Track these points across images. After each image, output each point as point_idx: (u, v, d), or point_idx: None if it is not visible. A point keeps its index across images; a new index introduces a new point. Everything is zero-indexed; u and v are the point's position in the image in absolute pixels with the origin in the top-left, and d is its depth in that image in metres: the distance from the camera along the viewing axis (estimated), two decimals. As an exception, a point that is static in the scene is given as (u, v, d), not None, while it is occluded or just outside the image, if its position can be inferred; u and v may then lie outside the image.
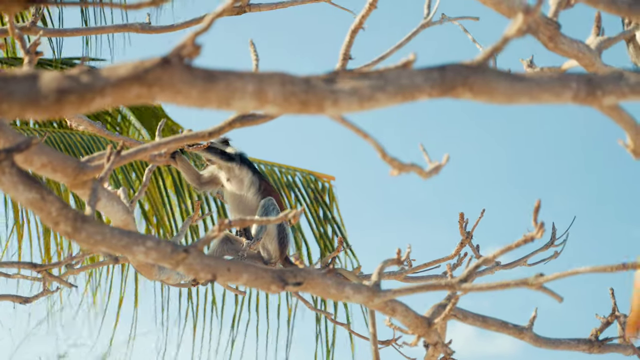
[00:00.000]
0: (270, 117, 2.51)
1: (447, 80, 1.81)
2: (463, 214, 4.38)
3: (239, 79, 1.66)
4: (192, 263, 2.19)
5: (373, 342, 4.20)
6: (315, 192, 9.12)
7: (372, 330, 3.28)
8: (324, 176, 9.31)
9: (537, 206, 2.36)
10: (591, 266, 2.40)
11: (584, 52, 2.71)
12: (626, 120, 2.07)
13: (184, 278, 3.97)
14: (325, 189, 9.24)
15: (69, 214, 2.07)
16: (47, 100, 1.51)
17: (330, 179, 9.30)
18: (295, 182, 9.17)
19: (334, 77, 1.76)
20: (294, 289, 2.37)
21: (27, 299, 4.23)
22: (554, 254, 4.68)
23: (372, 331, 4.14)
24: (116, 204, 2.72)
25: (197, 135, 2.52)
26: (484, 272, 4.55)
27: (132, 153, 2.50)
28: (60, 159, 2.28)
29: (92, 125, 4.03)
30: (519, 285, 2.46)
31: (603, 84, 1.88)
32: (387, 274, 4.60)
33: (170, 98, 1.61)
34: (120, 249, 2.14)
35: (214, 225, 2.30)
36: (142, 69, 1.58)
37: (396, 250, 2.87)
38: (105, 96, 1.56)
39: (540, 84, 1.84)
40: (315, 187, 9.19)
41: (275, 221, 2.36)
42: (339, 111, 1.75)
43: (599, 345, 3.36)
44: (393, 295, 2.57)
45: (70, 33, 3.80)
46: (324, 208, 9.07)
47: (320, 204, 9.07)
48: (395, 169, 2.03)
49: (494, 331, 3.16)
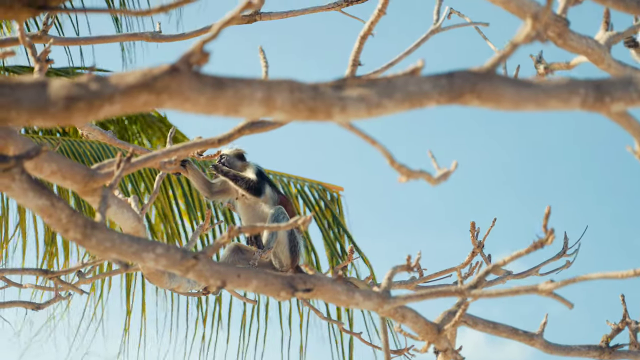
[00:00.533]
0: (279, 124, 2.51)
1: (455, 87, 1.81)
2: (474, 223, 4.36)
3: (247, 86, 1.67)
4: (202, 270, 2.19)
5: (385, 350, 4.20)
6: (325, 202, 9.12)
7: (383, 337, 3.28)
8: (333, 187, 9.30)
9: (547, 212, 2.36)
10: (601, 272, 2.40)
11: (593, 47, 2.70)
12: (635, 127, 2.07)
13: (194, 287, 3.97)
14: (334, 200, 9.24)
15: (78, 220, 2.08)
16: (55, 108, 1.52)
17: (339, 190, 9.30)
18: (304, 191, 9.17)
19: (341, 84, 1.76)
20: (303, 296, 2.37)
21: (39, 305, 4.24)
22: (566, 263, 4.65)
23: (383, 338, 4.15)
24: (126, 211, 2.73)
25: (206, 142, 2.53)
26: (495, 282, 4.54)
27: (142, 160, 2.50)
28: (69, 166, 2.29)
29: (103, 135, 4.04)
30: (529, 291, 2.45)
31: (612, 90, 1.88)
32: (398, 284, 4.59)
33: (178, 105, 1.61)
34: (130, 255, 2.14)
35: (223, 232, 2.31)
36: (150, 76, 1.59)
37: (406, 257, 2.87)
38: (114, 104, 1.56)
39: (547, 90, 1.84)
40: (324, 197, 9.19)
41: (285, 227, 2.36)
42: (346, 118, 1.75)
43: (609, 352, 3.35)
44: (403, 301, 2.56)
45: (82, 42, 3.81)
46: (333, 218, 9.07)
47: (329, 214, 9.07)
48: (403, 176, 2.03)
49: (505, 337, 3.16)
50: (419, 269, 4.42)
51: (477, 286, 2.58)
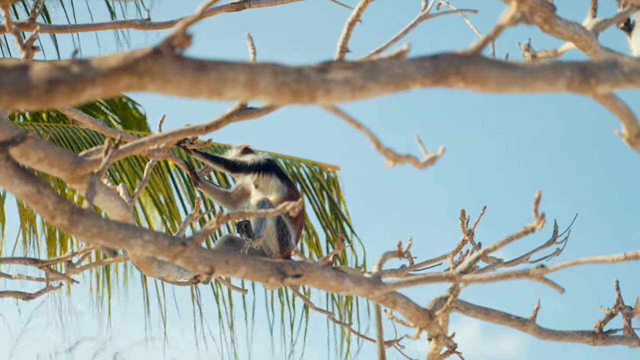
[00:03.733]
0: (268, 110, 2.50)
1: (439, 69, 1.81)
2: (464, 211, 4.36)
3: (230, 69, 1.66)
4: (190, 256, 2.19)
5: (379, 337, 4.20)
6: (321, 182, 9.11)
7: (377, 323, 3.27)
8: (328, 166, 9.28)
9: (537, 197, 2.36)
10: (592, 257, 2.40)
11: (580, 34, 2.70)
12: (621, 109, 2.07)
13: (184, 275, 3.96)
14: (330, 179, 9.22)
15: (65, 207, 2.07)
16: (37, 91, 1.52)
17: (335, 169, 9.28)
18: (300, 172, 9.15)
19: (326, 67, 1.76)
20: (293, 282, 2.36)
21: (30, 295, 4.24)
22: (556, 251, 4.67)
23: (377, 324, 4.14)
24: (114, 199, 2.72)
25: (194, 129, 2.52)
26: (486, 270, 4.54)
27: (130, 147, 2.50)
28: (57, 153, 2.28)
29: (93, 122, 4.03)
30: (520, 276, 2.45)
31: (597, 72, 1.88)
32: (389, 272, 4.58)
33: (160, 88, 1.61)
34: (118, 242, 2.14)
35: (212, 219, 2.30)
36: (132, 59, 1.58)
37: (397, 242, 2.86)
38: (95, 86, 1.56)
39: (532, 72, 1.84)
40: (320, 177, 9.17)
41: (274, 213, 2.36)
42: (331, 101, 1.74)
43: (603, 337, 3.35)
44: (394, 287, 2.56)
45: (69, 29, 3.80)
46: (329, 198, 9.06)
47: (326, 194, 9.06)
48: (390, 160, 2.03)
49: (497, 323, 3.15)
50: (409, 256, 4.41)
51: (468, 271, 2.58)
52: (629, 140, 2.11)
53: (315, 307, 5.07)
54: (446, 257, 4.44)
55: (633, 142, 2.10)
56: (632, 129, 2.08)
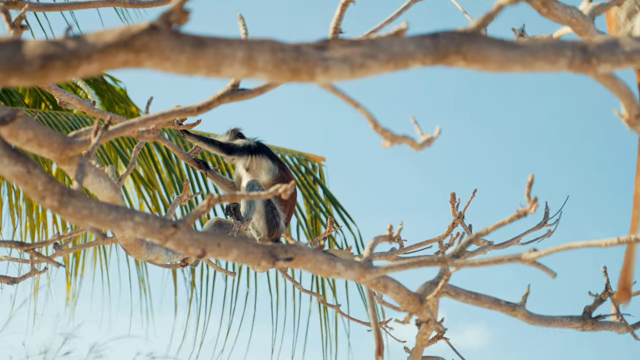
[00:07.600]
0: (260, 91, 2.46)
1: (440, 47, 1.78)
2: (455, 194, 4.34)
3: (228, 45, 1.63)
4: (181, 238, 2.16)
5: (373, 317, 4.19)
6: (307, 173, 9.10)
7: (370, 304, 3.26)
8: (315, 158, 9.29)
9: (530, 181, 2.34)
10: (585, 241, 2.38)
11: (577, 18, 2.68)
12: (621, 89, 2.05)
13: (172, 258, 3.93)
14: (316, 170, 9.23)
15: (55, 188, 2.03)
16: (31, 67, 1.48)
17: (321, 160, 9.29)
18: (286, 162, 9.15)
19: (325, 44, 1.72)
20: (284, 265, 2.34)
21: (15, 280, 4.19)
22: (547, 232, 4.67)
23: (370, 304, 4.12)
24: (103, 180, 2.68)
25: (185, 110, 2.48)
26: (477, 252, 4.53)
27: (119, 128, 2.45)
28: (46, 133, 2.24)
29: (81, 103, 3.98)
30: (512, 260, 2.43)
31: (598, 52, 1.85)
32: (379, 254, 4.57)
33: (158, 65, 1.57)
34: (108, 223, 2.10)
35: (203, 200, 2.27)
36: (129, 34, 1.55)
37: (387, 226, 2.84)
38: (91, 62, 1.52)
39: (534, 51, 1.81)
40: (307, 168, 9.17)
41: (266, 196, 2.33)
42: (330, 79, 1.71)
43: (591, 323, 3.34)
44: (385, 271, 2.53)
45: (57, 7, 3.75)
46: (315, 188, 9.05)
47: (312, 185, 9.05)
48: (387, 140, 2.00)
49: (487, 308, 3.14)
50: (399, 239, 4.40)
51: (460, 255, 2.56)
52: (628, 121, 2.09)
53: (303, 288, 5.05)
54: (437, 240, 4.42)
55: (632, 122, 2.08)
56: (632, 110, 2.06)
